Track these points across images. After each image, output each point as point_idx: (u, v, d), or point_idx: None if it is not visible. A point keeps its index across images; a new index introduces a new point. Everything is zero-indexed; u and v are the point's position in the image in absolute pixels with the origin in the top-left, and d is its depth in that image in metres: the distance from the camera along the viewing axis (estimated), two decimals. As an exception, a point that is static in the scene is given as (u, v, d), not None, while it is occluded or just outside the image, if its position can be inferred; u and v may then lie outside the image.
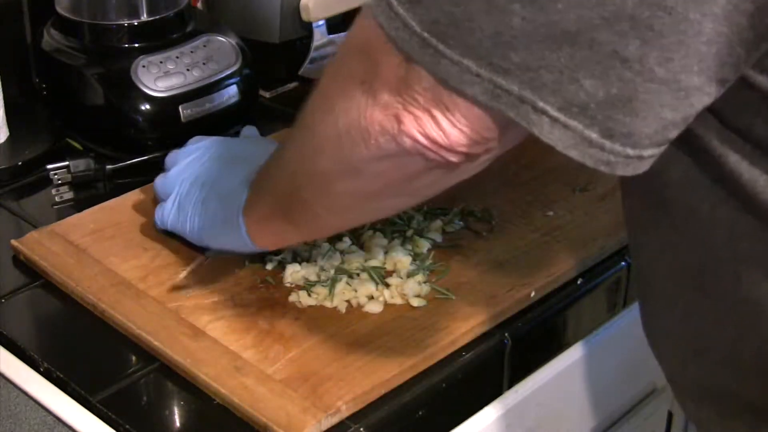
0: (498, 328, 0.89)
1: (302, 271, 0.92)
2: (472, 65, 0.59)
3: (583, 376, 1.01)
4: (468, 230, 0.99)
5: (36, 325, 0.94)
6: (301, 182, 0.77)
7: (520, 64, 0.58)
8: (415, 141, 0.64)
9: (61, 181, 1.10)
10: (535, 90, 0.59)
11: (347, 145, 0.68)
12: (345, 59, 0.69)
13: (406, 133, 0.64)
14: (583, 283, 0.96)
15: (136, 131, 1.13)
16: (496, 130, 0.63)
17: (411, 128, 0.63)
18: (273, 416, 0.78)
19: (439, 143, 0.63)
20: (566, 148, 0.60)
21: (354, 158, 0.68)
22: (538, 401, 0.96)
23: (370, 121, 0.65)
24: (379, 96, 0.64)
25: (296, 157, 0.76)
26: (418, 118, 0.63)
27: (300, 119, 0.76)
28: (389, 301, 0.90)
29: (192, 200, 0.92)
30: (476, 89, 0.60)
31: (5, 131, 1.14)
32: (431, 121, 0.63)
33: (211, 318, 0.87)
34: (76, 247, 0.96)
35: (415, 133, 0.63)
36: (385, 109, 0.64)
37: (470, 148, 0.64)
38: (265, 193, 0.84)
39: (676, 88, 0.58)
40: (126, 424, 0.80)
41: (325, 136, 0.70)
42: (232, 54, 1.18)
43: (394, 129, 0.64)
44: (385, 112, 0.64)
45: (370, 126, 0.65)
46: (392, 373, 0.82)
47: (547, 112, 0.59)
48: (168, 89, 1.12)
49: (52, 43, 1.18)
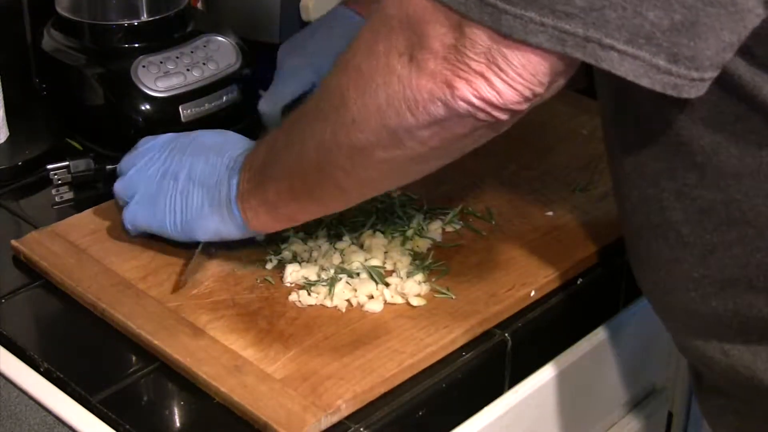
0: (498, 327, 0.89)
1: (302, 270, 0.92)
2: (535, 16, 0.63)
3: (583, 376, 1.01)
4: (468, 230, 0.99)
5: (36, 325, 0.94)
6: (329, 158, 0.77)
7: (584, 6, 0.62)
8: (469, 104, 0.67)
9: (61, 181, 1.10)
10: (600, 28, 0.63)
11: (391, 116, 0.70)
12: (379, 34, 0.70)
13: (460, 97, 0.66)
14: (583, 283, 0.96)
15: (136, 131, 1.13)
16: (550, 78, 0.66)
17: (466, 92, 0.66)
18: (273, 415, 0.78)
19: (494, 103, 0.66)
20: (637, 77, 0.64)
21: (399, 128, 0.70)
22: (538, 401, 0.96)
23: (417, 90, 0.68)
24: (424, 65, 0.67)
25: (323, 135, 0.77)
26: (471, 82, 0.66)
27: (320, 99, 0.77)
28: (389, 300, 0.90)
29: (168, 195, 0.92)
30: (541, 38, 0.63)
31: (5, 131, 1.14)
32: (485, 83, 0.66)
33: (211, 317, 0.88)
34: (76, 247, 0.96)
35: (470, 97, 0.66)
36: (433, 77, 0.67)
37: (520, 105, 0.67)
38: (269, 178, 0.84)
39: (733, 10, 0.63)
40: (126, 424, 0.80)
41: (364, 111, 0.72)
42: (232, 54, 1.18)
43: (446, 95, 0.67)
44: (433, 80, 0.67)
45: (418, 95, 0.68)
46: (392, 372, 0.82)
47: (615, 47, 0.63)
48: (168, 89, 1.12)
49: (52, 43, 1.18)
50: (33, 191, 1.10)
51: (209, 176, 0.89)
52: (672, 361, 1.16)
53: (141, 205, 0.94)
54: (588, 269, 0.97)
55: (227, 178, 0.88)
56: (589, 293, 0.97)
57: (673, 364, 1.17)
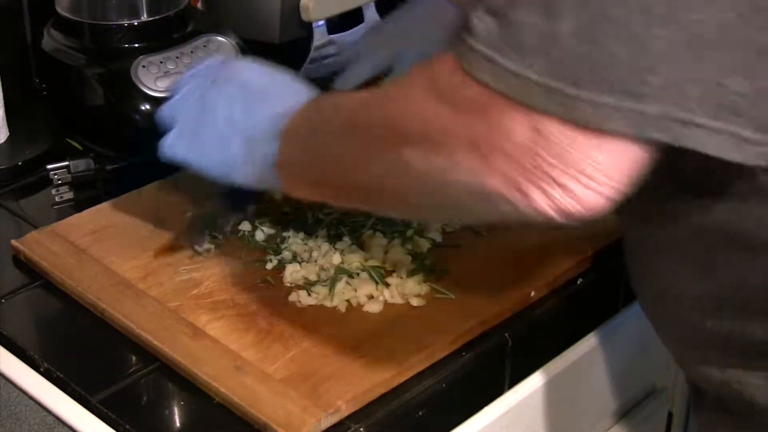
0: (498, 327, 0.89)
1: (302, 270, 0.92)
2: (610, 100, 0.57)
3: (583, 376, 1.01)
4: (468, 230, 0.99)
5: (36, 325, 0.94)
6: (378, 190, 0.72)
7: (662, 84, 0.57)
8: (543, 214, 0.61)
9: (61, 181, 1.10)
10: (681, 105, 0.58)
11: (453, 196, 0.65)
12: (431, 112, 0.64)
13: (534, 207, 0.61)
14: (583, 284, 0.96)
15: (136, 131, 1.13)
16: (631, 171, 0.60)
17: (540, 203, 0.60)
18: (273, 415, 0.78)
19: (571, 212, 0.60)
20: (725, 152, 0.59)
21: (462, 205, 0.66)
22: (538, 401, 0.96)
23: (483, 185, 0.61)
24: (493, 163, 0.60)
25: (377, 180, 0.71)
26: (547, 192, 0.60)
27: (369, 139, 0.71)
28: (389, 300, 0.90)
29: (207, 134, 0.86)
30: (619, 124, 0.58)
31: (5, 131, 1.14)
32: (563, 193, 0.60)
33: (211, 317, 0.87)
34: (76, 247, 0.96)
35: (545, 208, 0.60)
36: (504, 178, 0.60)
37: (602, 207, 0.61)
38: (308, 158, 0.79)
39: None
40: (126, 424, 0.80)
41: (422, 181, 0.66)
42: (232, 54, 1.18)
43: (517, 200, 0.61)
44: (504, 182, 0.61)
45: (485, 191, 0.62)
46: (392, 372, 0.82)
47: (699, 123, 0.58)
48: (168, 89, 1.12)
49: (52, 43, 1.18)
50: (33, 191, 1.10)
51: (250, 127, 0.84)
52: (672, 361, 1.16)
53: (181, 137, 0.88)
54: (587, 270, 0.97)
55: (267, 138, 0.82)
56: (589, 293, 0.97)
57: (672, 365, 1.17)
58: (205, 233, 0.96)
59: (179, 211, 1.02)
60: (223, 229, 0.96)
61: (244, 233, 0.98)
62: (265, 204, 1.01)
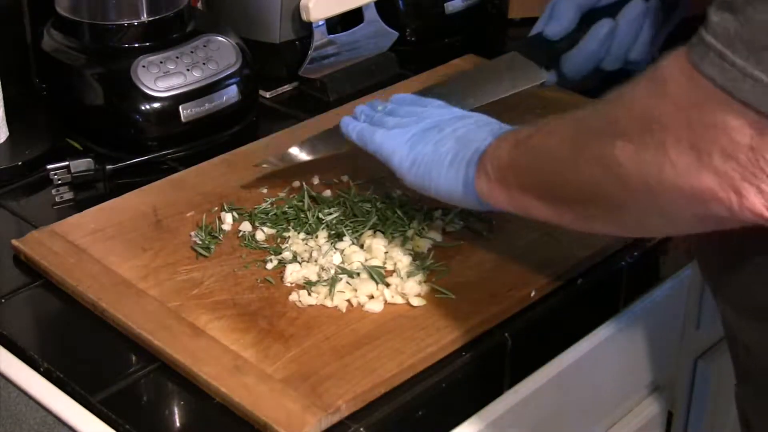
0: (498, 327, 0.89)
1: (302, 270, 0.92)
2: None
3: (583, 376, 1.01)
4: (468, 230, 0.99)
5: (36, 325, 0.94)
6: (587, 198, 0.72)
7: None
8: (758, 215, 0.60)
9: (61, 181, 1.10)
10: None
11: (661, 198, 0.64)
12: (655, 107, 0.63)
13: (748, 207, 0.59)
14: (583, 283, 0.96)
15: (136, 131, 1.13)
16: None
17: (755, 203, 0.59)
18: (273, 415, 0.78)
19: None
20: None
21: (669, 209, 0.64)
22: (538, 401, 0.96)
23: (698, 186, 0.61)
24: (708, 160, 0.59)
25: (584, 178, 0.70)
26: (764, 192, 0.59)
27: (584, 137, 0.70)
28: (389, 300, 0.90)
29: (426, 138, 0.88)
30: None
31: (5, 131, 1.14)
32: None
33: (212, 317, 0.88)
34: (76, 247, 0.96)
35: (760, 208, 0.59)
36: (718, 176, 0.59)
37: None
38: (516, 160, 0.79)
39: None
40: (126, 424, 0.80)
41: (629, 181, 0.65)
42: (232, 54, 1.18)
43: (731, 201, 0.60)
44: (718, 181, 0.60)
45: (697, 191, 0.61)
46: (392, 372, 0.82)
47: None
48: (168, 89, 1.12)
49: (52, 43, 1.18)
50: (33, 191, 1.10)
51: (470, 136, 0.85)
52: (672, 361, 1.16)
53: (397, 137, 0.89)
54: (588, 269, 0.97)
55: (486, 134, 0.84)
56: (589, 293, 0.97)
57: (673, 364, 1.17)
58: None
59: (179, 211, 1.02)
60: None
61: (245, 233, 0.98)
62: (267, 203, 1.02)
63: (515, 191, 0.80)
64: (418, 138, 0.89)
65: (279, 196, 1.04)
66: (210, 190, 1.05)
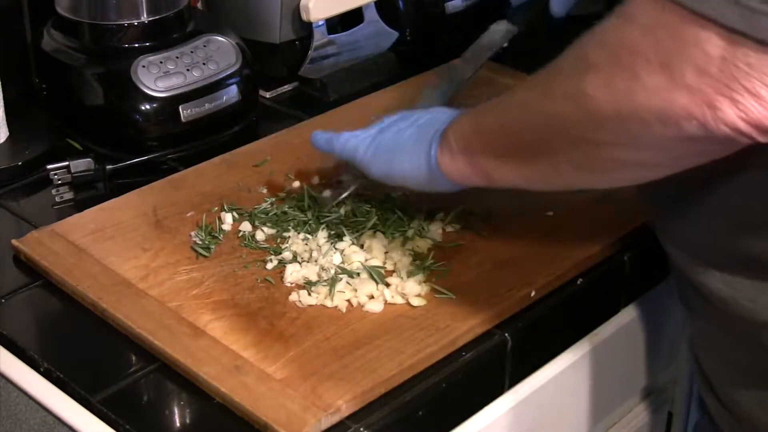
0: (498, 327, 0.89)
1: (302, 270, 0.92)
2: None
3: (583, 376, 1.01)
4: (468, 230, 0.99)
5: (36, 325, 0.94)
6: (554, 139, 0.72)
7: None
8: (733, 128, 0.60)
9: (61, 181, 1.10)
10: None
11: (634, 124, 0.64)
12: (623, 34, 0.63)
13: (723, 120, 0.59)
14: (583, 283, 0.96)
15: (136, 131, 1.13)
16: None
17: (730, 115, 0.59)
18: (273, 415, 0.78)
19: (765, 123, 0.59)
20: None
21: (643, 135, 0.64)
22: (538, 401, 0.96)
23: (670, 105, 0.61)
24: (680, 77, 0.60)
25: (551, 116, 0.71)
26: (737, 103, 0.59)
27: (550, 80, 0.71)
28: (389, 300, 0.90)
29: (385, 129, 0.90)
30: None
31: (5, 131, 1.14)
32: (756, 103, 0.58)
33: (212, 317, 0.88)
34: (76, 247, 0.96)
35: (735, 120, 0.59)
36: (690, 92, 0.60)
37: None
38: (482, 125, 0.80)
39: None
40: (126, 424, 0.80)
41: (600, 112, 0.65)
42: (232, 54, 1.18)
43: (705, 115, 0.60)
44: (691, 96, 0.60)
45: (670, 110, 0.61)
46: (392, 372, 0.82)
47: None
48: (168, 89, 1.12)
49: (52, 43, 1.18)
50: (33, 191, 1.10)
51: (432, 119, 0.87)
52: (672, 361, 1.16)
53: (361, 135, 0.92)
54: (588, 269, 0.97)
55: (443, 121, 0.85)
56: (589, 293, 0.97)
57: (673, 365, 1.17)
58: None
59: (179, 211, 1.02)
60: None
61: (245, 233, 0.98)
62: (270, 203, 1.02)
63: (480, 158, 0.81)
64: (380, 131, 0.91)
65: (279, 196, 1.04)
66: (210, 190, 1.05)
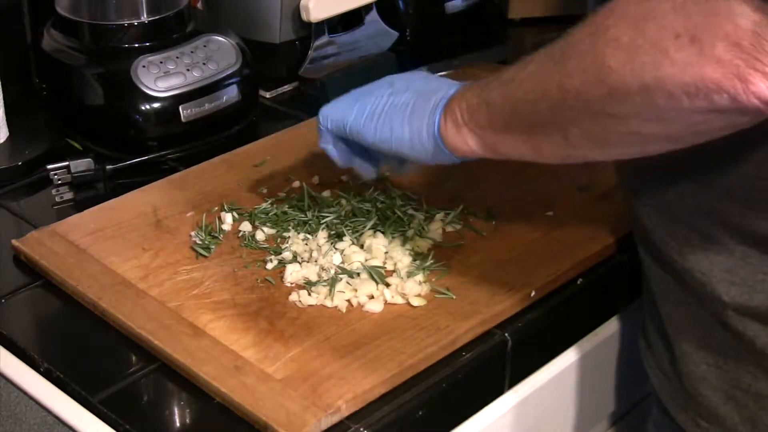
0: (498, 328, 0.89)
1: (303, 270, 0.92)
2: None
3: (583, 376, 1.01)
4: (468, 230, 0.99)
5: (36, 325, 0.94)
6: (568, 112, 0.71)
7: None
8: (763, 100, 0.59)
9: (61, 181, 1.10)
10: None
11: (660, 97, 0.63)
12: (649, 9, 0.63)
13: (754, 93, 0.59)
14: (583, 283, 0.96)
15: (136, 131, 1.14)
16: None
17: (761, 87, 0.59)
18: (273, 415, 0.78)
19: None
20: None
21: (669, 109, 0.64)
22: (538, 401, 0.96)
23: (700, 78, 0.60)
24: (710, 51, 0.59)
25: (566, 88, 0.70)
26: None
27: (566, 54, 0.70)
28: (389, 300, 0.90)
29: (377, 93, 0.88)
30: None
31: (5, 131, 1.14)
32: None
33: (212, 317, 0.87)
34: (76, 247, 0.96)
35: (765, 92, 0.59)
36: (721, 65, 0.59)
37: None
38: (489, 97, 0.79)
39: None
40: (126, 424, 0.80)
41: (624, 87, 0.65)
42: (232, 54, 1.18)
43: (736, 88, 0.60)
44: (722, 70, 0.59)
45: (700, 83, 0.61)
46: (392, 372, 0.82)
47: None
48: (168, 89, 1.12)
49: (52, 43, 1.18)
50: (33, 191, 1.10)
51: (428, 87, 0.85)
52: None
53: (343, 100, 0.90)
54: (588, 269, 0.97)
55: (447, 87, 0.84)
56: (589, 293, 0.97)
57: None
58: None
59: (179, 211, 1.02)
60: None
61: (245, 233, 0.98)
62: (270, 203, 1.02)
63: (487, 131, 0.80)
64: (366, 92, 0.88)
65: (279, 196, 1.04)
66: (210, 190, 1.05)
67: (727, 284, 0.78)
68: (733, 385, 0.82)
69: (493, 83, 0.79)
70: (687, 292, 0.82)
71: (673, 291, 0.84)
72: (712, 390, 0.83)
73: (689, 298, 0.82)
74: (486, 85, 0.80)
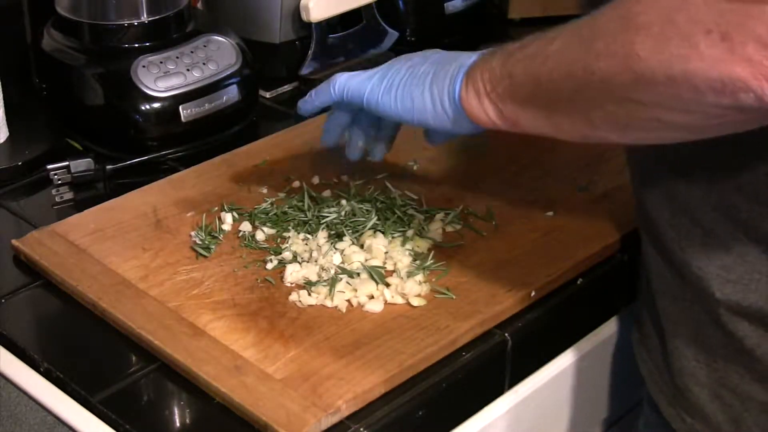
0: (498, 328, 0.89)
1: (303, 270, 0.92)
2: None
3: (583, 377, 1.01)
4: (468, 230, 0.99)
5: (36, 325, 0.94)
6: (592, 94, 0.71)
7: None
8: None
9: (61, 181, 1.10)
10: None
11: (685, 91, 0.64)
12: (679, 4, 0.63)
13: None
14: (583, 284, 0.96)
15: (136, 131, 1.13)
16: None
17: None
18: (273, 415, 0.78)
19: None
20: None
21: (693, 101, 0.64)
22: (538, 401, 0.96)
23: (727, 75, 0.61)
24: (741, 49, 0.60)
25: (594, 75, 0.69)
26: None
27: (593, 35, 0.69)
28: (389, 300, 0.90)
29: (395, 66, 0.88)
30: None
31: (5, 131, 1.14)
32: None
33: (212, 317, 0.87)
34: (76, 247, 0.96)
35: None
36: (751, 65, 0.60)
37: None
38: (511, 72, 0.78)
39: None
40: (126, 424, 0.80)
41: (651, 75, 0.65)
42: (232, 54, 1.18)
43: (763, 88, 0.60)
44: (750, 69, 0.60)
45: (727, 80, 0.61)
46: (392, 372, 0.82)
47: None
48: (168, 89, 1.12)
49: (52, 43, 1.18)
50: (33, 191, 1.10)
51: (447, 58, 0.85)
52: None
53: (360, 74, 0.89)
54: (588, 269, 0.97)
55: (466, 55, 0.83)
56: (589, 293, 0.97)
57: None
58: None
59: (179, 211, 1.02)
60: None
61: (245, 233, 0.98)
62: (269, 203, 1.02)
63: (509, 104, 0.79)
64: (386, 68, 0.88)
65: (279, 196, 1.04)
66: (210, 190, 1.05)
67: (722, 281, 0.79)
68: (721, 384, 0.83)
69: (518, 55, 0.78)
70: (684, 287, 0.83)
71: (671, 285, 0.84)
72: (700, 387, 0.84)
73: (686, 293, 0.83)
74: (510, 56, 0.79)
